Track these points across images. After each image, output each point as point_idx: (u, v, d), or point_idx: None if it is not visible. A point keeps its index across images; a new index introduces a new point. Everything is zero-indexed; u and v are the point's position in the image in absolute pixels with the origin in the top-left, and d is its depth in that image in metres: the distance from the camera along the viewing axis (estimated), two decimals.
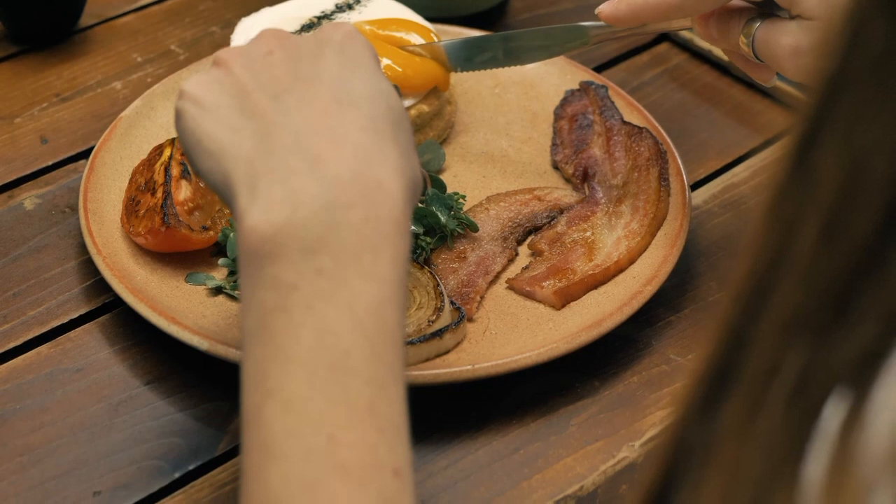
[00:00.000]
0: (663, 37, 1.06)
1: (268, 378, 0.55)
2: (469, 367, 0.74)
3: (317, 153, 0.59)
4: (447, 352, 0.76)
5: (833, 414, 0.35)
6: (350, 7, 0.96)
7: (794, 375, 0.36)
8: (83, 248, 0.84)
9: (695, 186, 0.92)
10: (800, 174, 0.36)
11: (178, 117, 0.63)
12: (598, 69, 1.02)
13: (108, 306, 0.82)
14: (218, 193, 0.62)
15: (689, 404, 0.39)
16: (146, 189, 0.83)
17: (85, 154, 0.93)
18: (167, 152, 0.84)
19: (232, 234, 0.82)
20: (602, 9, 0.80)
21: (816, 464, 0.35)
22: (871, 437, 0.34)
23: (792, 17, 0.74)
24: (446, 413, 0.75)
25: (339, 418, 0.54)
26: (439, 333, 0.76)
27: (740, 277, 0.38)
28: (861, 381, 0.35)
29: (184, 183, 0.83)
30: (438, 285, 0.78)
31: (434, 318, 0.76)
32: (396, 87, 0.86)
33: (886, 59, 0.34)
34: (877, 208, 0.34)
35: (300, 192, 0.57)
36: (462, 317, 0.77)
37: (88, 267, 0.84)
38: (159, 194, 0.82)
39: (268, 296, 0.57)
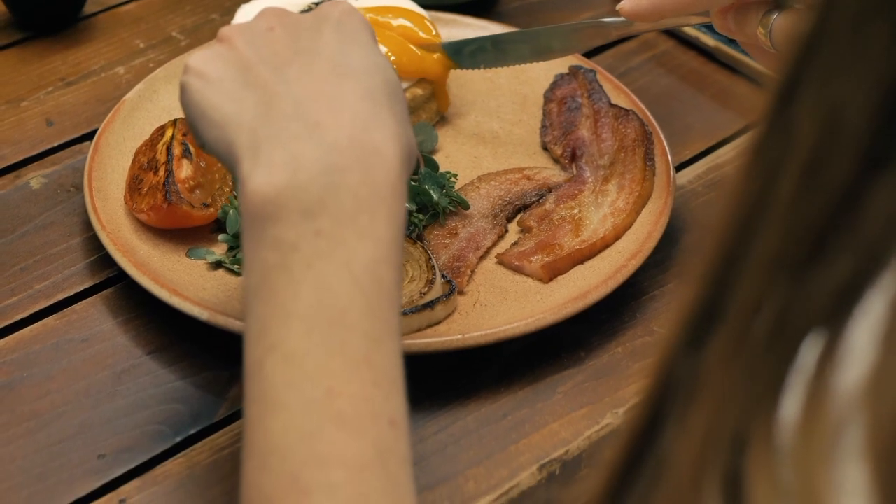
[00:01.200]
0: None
1: (269, 333, 0.58)
2: (459, 336, 0.77)
3: (316, 120, 0.61)
4: (438, 322, 0.79)
5: (810, 352, 0.37)
6: None
7: (774, 313, 0.38)
8: (88, 225, 0.87)
9: (680, 167, 0.95)
10: (780, 124, 0.38)
11: (183, 91, 0.66)
12: (588, 55, 1.05)
13: (111, 280, 0.85)
14: (222, 162, 0.65)
15: (676, 341, 0.41)
16: (149, 168, 0.86)
17: (89, 136, 0.96)
18: (169, 132, 0.87)
19: (232, 211, 0.85)
20: (623, 5, 0.83)
21: (793, 400, 0.37)
22: (844, 375, 0.36)
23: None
24: (437, 381, 0.78)
25: (336, 371, 0.57)
26: (431, 305, 0.78)
27: (724, 222, 0.40)
28: (836, 320, 0.37)
29: (185, 162, 0.86)
30: (430, 259, 0.81)
31: (426, 290, 0.79)
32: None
33: (860, 17, 0.37)
34: (852, 155, 0.36)
35: (300, 157, 0.60)
36: (453, 289, 0.80)
37: (93, 243, 0.87)
38: (161, 172, 0.85)
39: (269, 255, 0.59)
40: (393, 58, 0.92)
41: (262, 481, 0.56)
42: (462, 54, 0.94)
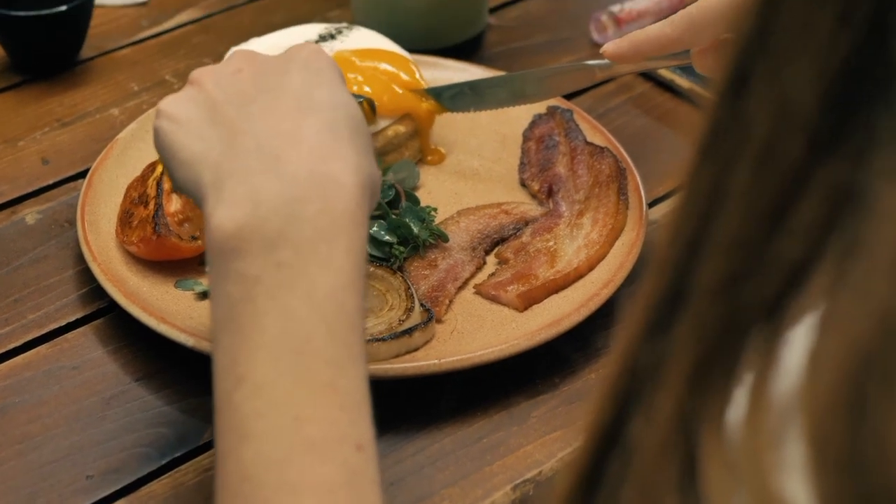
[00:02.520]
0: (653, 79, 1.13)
1: (237, 365, 0.61)
2: (436, 361, 0.79)
3: (276, 154, 0.64)
4: (416, 349, 0.82)
5: (758, 338, 0.39)
6: (333, 37, 1.02)
7: (729, 299, 0.40)
8: (80, 258, 0.90)
9: (654, 203, 0.98)
10: (733, 113, 0.40)
11: (155, 134, 0.69)
12: (567, 96, 1.08)
13: (102, 311, 0.88)
14: (194, 200, 0.67)
15: (640, 329, 0.43)
16: (139, 202, 0.89)
17: (83, 174, 0.99)
18: (159, 168, 0.91)
19: None
20: (606, 47, 0.88)
21: (743, 385, 0.39)
22: (783, 376, 0.38)
23: None
24: (415, 405, 0.81)
25: (303, 398, 0.59)
26: (409, 331, 0.81)
27: (682, 210, 0.41)
28: (778, 316, 0.39)
29: (174, 196, 0.89)
30: (409, 288, 0.84)
31: (404, 317, 0.82)
32: (372, 102, 0.93)
33: (806, 7, 0.38)
34: (805, 136, 0.38)
35: (260, 190, 0.62)
36: (431, 317, 0.83)
37: (85, 275, 0.90)
38: (151, 206, 0.88)
39: (234, 289, 0.62)
40: (377, 95, 0.96)
41: None
42: (442, 98, 0.97)
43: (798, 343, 0.38)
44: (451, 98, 0.97)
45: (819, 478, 0.36)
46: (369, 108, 0.93)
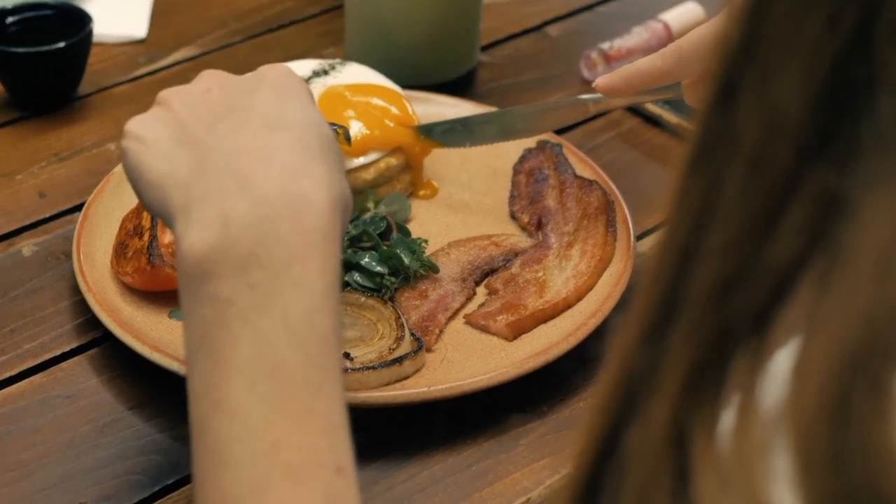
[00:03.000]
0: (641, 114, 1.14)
1: (213, 390, 0.60)
2: (425, 389, 0.80)
3: (246, 173, 0.63)
4: (407, 377, 0.83)
5: (748, 348, 0.40)
6: (326, 73, 1.04)
7: (722, 305, 0.40)
8: (76, 289, 0.91)
9: (642, 235, 0.99)
10: (722, 125, 0.41)
11: (123, 155, 0.68)
12: (557, 132, 1.10)
13: (97, 341, 0.89)
14: (165, 223, 0.66)
15: (635, 337, 0.43)
16: (134, 233, 0.91)
17: (80, 207, 1.00)
18: None
19: None
20: (598, 81, 0.89)
21: (731, 408, 0.40)
22: (771, 385, 0.39)
23: None
24: (405, 432, 0.82)
25: (280, 423, 0.59)
26: (399, 360, 0.82)
27: (671, 223, 0.42)
28: (767, 324, 0.40)
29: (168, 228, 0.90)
30: (400, 318, 0.85)
31: (395, 346, 0.83)
32: (346, 130, 0.94)
33: (792, 15, 0.39)
34: (793, 144, 0.39)
35: (230, 212, 0.62)
36: (421, 346, 0.84)
37: (80, 306, 0.91)
38: (146, 237, 0.89)
39: (207, 312, 0.61)
40: (366, 131, 0.97)
41: None
42: (433, 133, 0.99)
43: (785, 351, 0.39)
44: (442, 133, 0.98)
45: (805, 482, 0.37)
46: (343, 137, 0.93)
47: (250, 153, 0.64)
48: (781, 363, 0.39)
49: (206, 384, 0.61)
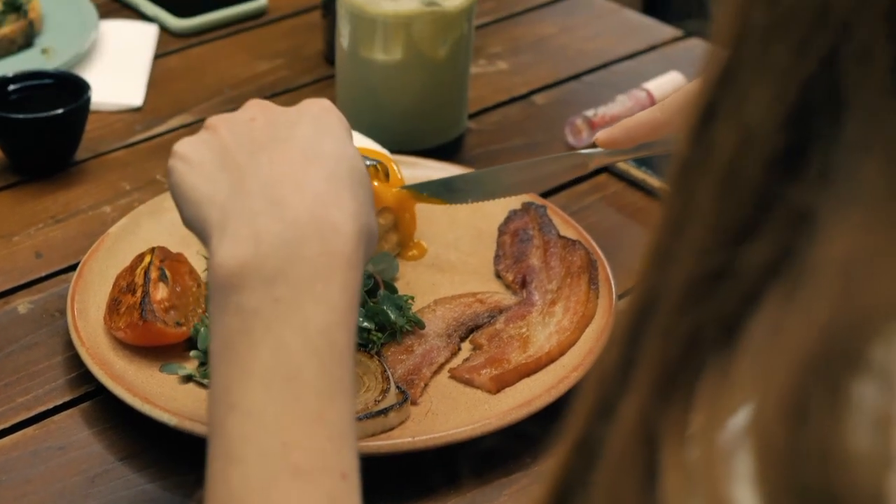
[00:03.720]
0: (603, 168, 1.17)
1: (230, 393, 0.64)
2: (410, 439, 0.82)
3: (280, 199, 0.68)
4: (392, 429, 0.85)
5: (713, 364, 0.42)
6: None
7: (696, 310, 0.42)
8: (69, 345, 0.93)
9: (624, 294, 1.01)
10: (701, 145, 0.43)
11: (169, 173, 0.74)
12: (543, 195, 1.13)
13: (89, 395, 0.91)
14: (199, 239, 0.71)
15: (615, 340, 0.45)
16: (127, 290, 0.93)
17: (75, 267, 1.02)
18: (147, 259, 0.95)
19: (203, 329, 0.91)
20: (600, 136, 0.92)
21: (699, 411, 0.42)
22: (736, 390, 0.41)
23: None
24: (391, 482, 0.84)
25: (292, 426, 0.62)
26: (384, 412, 0.84)
27: (655, 232, 0.45)
28: (736, 332, 0.42)
29: (161, 284, 0.93)
30: (385, 371, 0.87)
31: (380, 398, 0.85)
32: (386, 167, 0.97)
33: (765, 43, 0.42)
34: (764, 162, 0.42)
35: (263, 231, 0.67)
36: (406, 398, 0.86)
37: (73, 361, 0.93)
38: (138, 294, 0.91)
39: (233, 321, 0.65)
40: None
41: None
42: (428, 191, 1.01)
43: (750, 358, 0.42)
44: (439, 191, 1.00)
45: (764, 482, 0.39)
46: (377, 172, 0.97)
47: (286, 181, 0.69)
48: (746, 370, 0.42)
49: (225, 388, 0.64)
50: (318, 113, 0.74)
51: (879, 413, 0.38)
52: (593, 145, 1.12)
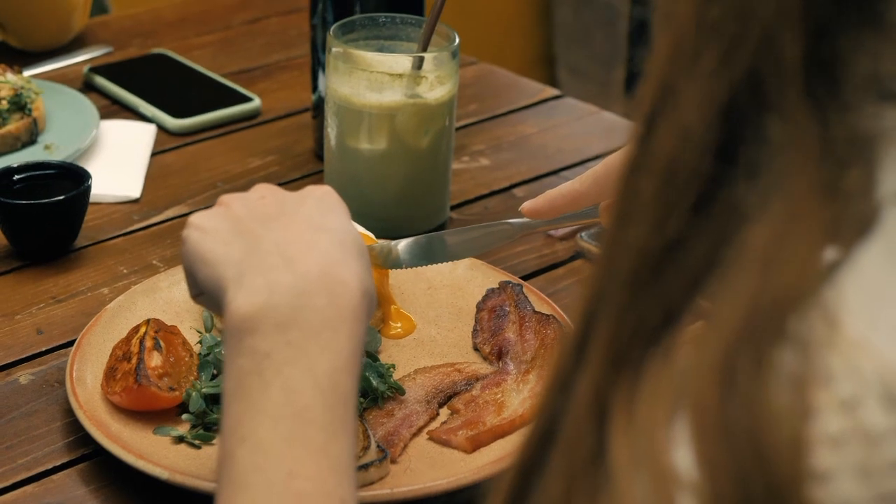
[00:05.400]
0: (579, 254, 1.23)
1: (241, 427, 0.70)
2: (388, 490, 0.87)
3: (292, 256, 0.75)
4: (372, 483, 0.90)
5: (659, 342, 0.48)
6: None
7: (641, 292, 0.48)
8: (68, 412, 0.98)
9: None
10: (644, 146, 0.49)
11: (183, 242, 0.81)
12: (522, 278, 1.18)
13: (86, 456, 0.95)
14: (212, 297, 0.77)
15: (575, 331, 0.50)
16: (123, 358, 0.98)
17: (73, 342, 1.08)
18: (143, 329, 1.00)
19: (194, 394, 0.96)
20: (524, 206, 1.01)
21: (645, 383, 0.48)
22: (678, 366, 0.47)
23: None
24: None
25: (297, 457, 0.68)
26: (365, 467, 0.89)
27: (611, 223, 0.50)
28: (679, 313, 0.48)
29: (156, 353, 0.98)
30: (367, 430, 0.92)
31: (361, 454, 0.90)
32: (383, 250, 1.02)
33: (698, 52, 0.48)
34: (699, 158, 0.48)
35: (276, 283, 0.73)
36: (386, 455, 0.91)
37: (72, 426, 0.98)
38: (134, 360, 0.97)
39: (245, 362, 0.72)
40: None
41: None
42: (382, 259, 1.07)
43: (688, 339, 0.48)
44: (381, 257, 1.06)
45: (699, 444, 0.45)
46: (378, 255, 1.04)
47: (296, 243, 0.76)
48: (685, 350, 0.47)
49: (236, 422, 0.70)
50: (321, 195, 0.82)
51: (797, 375, 0.44)
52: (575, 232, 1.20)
